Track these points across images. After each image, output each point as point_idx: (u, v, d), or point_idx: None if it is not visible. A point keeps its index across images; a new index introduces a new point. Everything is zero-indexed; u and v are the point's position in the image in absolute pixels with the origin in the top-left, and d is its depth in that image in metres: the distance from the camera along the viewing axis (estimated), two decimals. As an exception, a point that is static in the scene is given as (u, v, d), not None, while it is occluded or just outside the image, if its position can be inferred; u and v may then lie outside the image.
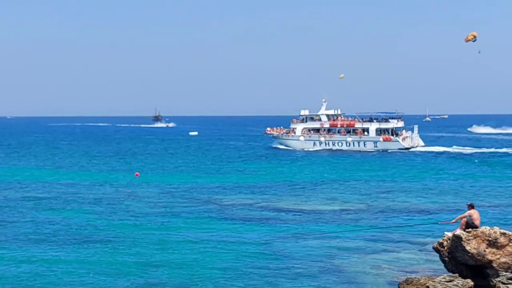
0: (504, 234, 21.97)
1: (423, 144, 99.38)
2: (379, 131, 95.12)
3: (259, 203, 44.07)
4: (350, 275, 25.21)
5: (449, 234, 23.17)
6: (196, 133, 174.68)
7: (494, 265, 21.84)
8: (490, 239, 21.89)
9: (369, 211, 40.35)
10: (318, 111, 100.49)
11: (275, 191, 50.00)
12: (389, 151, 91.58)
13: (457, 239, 22.36)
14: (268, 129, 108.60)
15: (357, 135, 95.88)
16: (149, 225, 35.82)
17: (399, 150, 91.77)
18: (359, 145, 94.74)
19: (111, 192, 49.77)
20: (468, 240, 22.07)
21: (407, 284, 23.29)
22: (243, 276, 25.20)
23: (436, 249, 23.73)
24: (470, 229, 22.44)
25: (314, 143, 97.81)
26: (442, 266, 23.77)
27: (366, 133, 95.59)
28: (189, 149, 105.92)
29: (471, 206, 23.11)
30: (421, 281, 23.17)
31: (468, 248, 21.96)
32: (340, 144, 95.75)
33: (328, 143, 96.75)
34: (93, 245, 30.46)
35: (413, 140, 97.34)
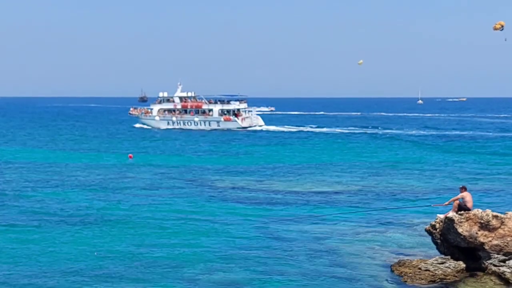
0: (496, 216, 22.25)
1: (262, 123, 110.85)
2: (222, 112, 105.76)
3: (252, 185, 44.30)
4: (343, 257, 25.43)
5: (442, 216, 23.43)
6: None
7: (486, 247, 22.13)
8: (482, 221, 22.16)
9: (361, 193, 40.58)
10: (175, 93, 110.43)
11: (271, 174, 50.26)
12: (230, 129, 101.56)
13: (449, 221, 22.62)
14: (131, 109, 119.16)
15: (204, 115, 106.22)
16: (143, 206, 35.86)
17: (238, 129, 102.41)
18: (205, 124, 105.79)
19: (105, 174, 49.69)
20: (461, 222, 22.33)
21: (400, 266, 23.55)
22: (236, 257, 25.35)
23: (428, 231, 24.00)
24: (462, 212, 22.70)
25: (168, 122, 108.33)
26: (434, 248, 24.07)
27: (211, 113, 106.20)
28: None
29: (464, 189, 23.33)
30: (413, 263, 23.43)
31: (460, 230, 22.22)
32: (189, 123, 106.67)
33: (180, 123, 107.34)
34: (87, 226, 30.51)
35: (252, 120, 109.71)
